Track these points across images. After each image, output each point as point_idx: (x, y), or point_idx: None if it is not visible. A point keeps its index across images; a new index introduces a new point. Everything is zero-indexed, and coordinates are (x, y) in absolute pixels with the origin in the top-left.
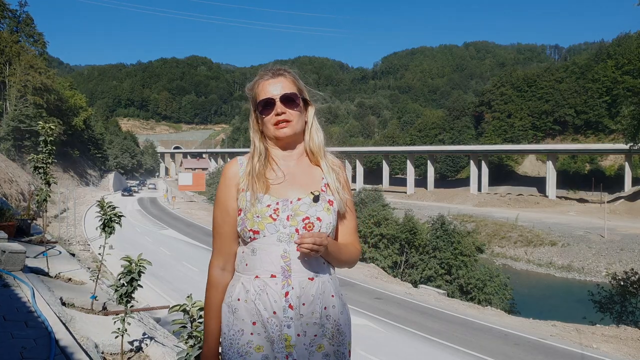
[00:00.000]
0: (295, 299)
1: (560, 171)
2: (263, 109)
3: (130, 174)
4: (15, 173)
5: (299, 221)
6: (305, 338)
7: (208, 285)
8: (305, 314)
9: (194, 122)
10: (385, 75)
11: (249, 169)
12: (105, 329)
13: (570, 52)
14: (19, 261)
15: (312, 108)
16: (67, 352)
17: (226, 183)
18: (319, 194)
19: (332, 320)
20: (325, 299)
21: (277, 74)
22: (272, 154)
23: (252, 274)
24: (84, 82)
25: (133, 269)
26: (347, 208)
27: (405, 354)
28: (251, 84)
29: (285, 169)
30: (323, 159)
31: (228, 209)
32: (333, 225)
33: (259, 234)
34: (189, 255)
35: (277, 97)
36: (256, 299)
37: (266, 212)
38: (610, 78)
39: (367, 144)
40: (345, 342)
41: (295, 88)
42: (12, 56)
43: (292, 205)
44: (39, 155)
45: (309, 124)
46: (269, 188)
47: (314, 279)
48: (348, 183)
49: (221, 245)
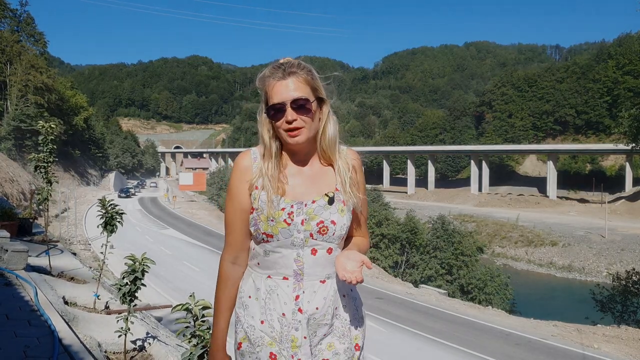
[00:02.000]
0: (306, 303)
1: (561, 171)
2: (274, 113)
3: (131, 173)
4: (16, 172)
5: (313, 225)
6: (314, 339)
7: (218, 279)
8: (318, 317)
9: (195, 121)
10: (385, 75)
11: (262, 166)
12: (108, 328)
13: (571, 52)
14: (22, 260)
15: (326, 106)
16: (70, 351)
17: (239, 177)
18: (334, 194)
19: (342, 319)
20: (337, 300)
21: (288, 72)
22: (285, 153)
23: (265, 273)
24: (84, 82)
25: (137, 267)
26: (361, 206)
27: (406, 354)
28: (261, 76)
29: (299, 169)
30: (336, 159)
31: (241, 204)
32: (347, 226)
33: (272, 237)
34: (190, 255)
35: (288, 103)
36: (266, 298)
37: (280, 217)
38: (611, 78)
39: (367, 144)
40: (352, 339)
41: (308, 88)
42: (13, 56)
43: (307, 208)
44: (40, 154)
45: (322, 123)
46: (283, 190)
47: (326, 281)
48: (363, 178)
49: (233, 240)
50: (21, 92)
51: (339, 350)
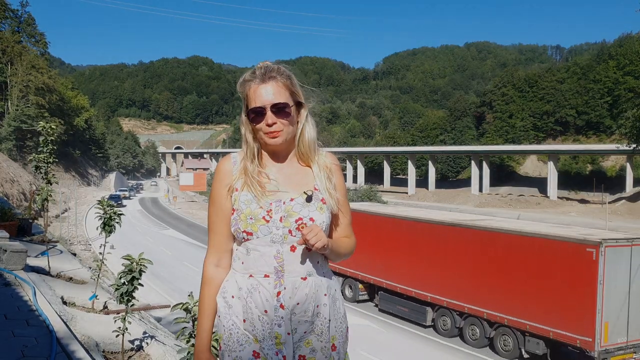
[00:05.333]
0: (288, 299)
1: (562, 172)
2: (254, 116)
3: (132, 174)
4: (16, 173)
5: (291, 222)
6: (296, 335)
7: (202, 282)
8: (298, 312)
9: (195, 122)
10: (386, 76)
11: (242, 168)
12: (106, 328)
13: (572, 52)
14: (21, 260)
15: (304, 110)
16: (68, 350)
17: (220, 181)
18: (312, 193)
19: (322, 318)
20: (318, 298)
21: (268, 77)
22: (265, 153)
23: (246, 272)
24: (85, 82)
25: (134, 267)
26: (340, 207)
27: (406, 354)
28: (241, 81)
29: (278, 169)
30: (314, 161)
31: (222, 208)
32: (327, 223)
33: (252, 235)
34: (190, 255)
35: (268, 107)
36: (248, 297)
37: (259, 214)
38: (611, 79)
39: (368, 144)
40: (330, 338)
41: (287, 92)
42: (14, 56)
43: (285, 206)
44: (41, 154)
45: (300, 126)
46: (263, 189)
47: (307, 278)
48: (342, 180)
49: (215, 243)
50: (22, 93)
51: (316, 347)
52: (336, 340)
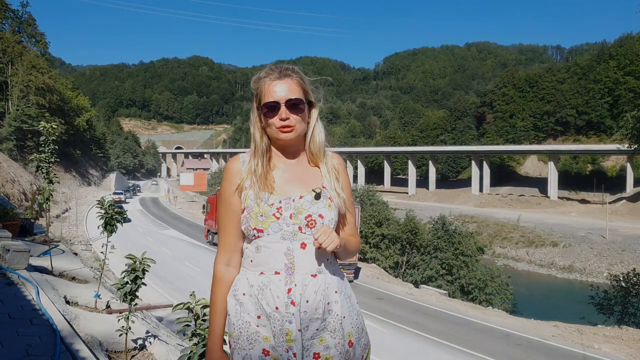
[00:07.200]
0: (298, 295)
1: (562, 172)
2: (268, 111)
3: (132, 174)
4: (17, 173)
5: (301, 219)
6: (307, 332)
7: (213, 281)
8: (309, 310)
9: (196, 122)
10: (386, 76)
11: (251, 167)
12: (109, 327)
13: (572, 52)
14: (23, 260)
15: (315, 110)
16: (71, 349)
17: (229, 181)
18: (321, 190)
19: (334, 315)
20: (329, 295)
21: (283, 74)
22: (274, 151)
23: (257, 270)
24: (85, 82)
25: (137, 267)
26: (347, 207)
27: (407, 355)
28: (256, 78)
29: (287, 167)
30: (322, 161)
31: (232, 207)
32: (335, 220)
33: (262, 232)
34: (191, 255)
35: (283, 102)
36: (259, 294)
37: (269, 211)
38: (612, 79)
39: (368, 144)
40: (345, 335)
41: (301, 90)
42: (15, 56)
43: (295, 203)
44: (41, 154)
45: (311, 125)
46: (272, 187)
47: (317, 275)
48: (348, 181)
49: (226, 242)
50: (22, 93)
51: (330, 344)
52: (353, 336)
